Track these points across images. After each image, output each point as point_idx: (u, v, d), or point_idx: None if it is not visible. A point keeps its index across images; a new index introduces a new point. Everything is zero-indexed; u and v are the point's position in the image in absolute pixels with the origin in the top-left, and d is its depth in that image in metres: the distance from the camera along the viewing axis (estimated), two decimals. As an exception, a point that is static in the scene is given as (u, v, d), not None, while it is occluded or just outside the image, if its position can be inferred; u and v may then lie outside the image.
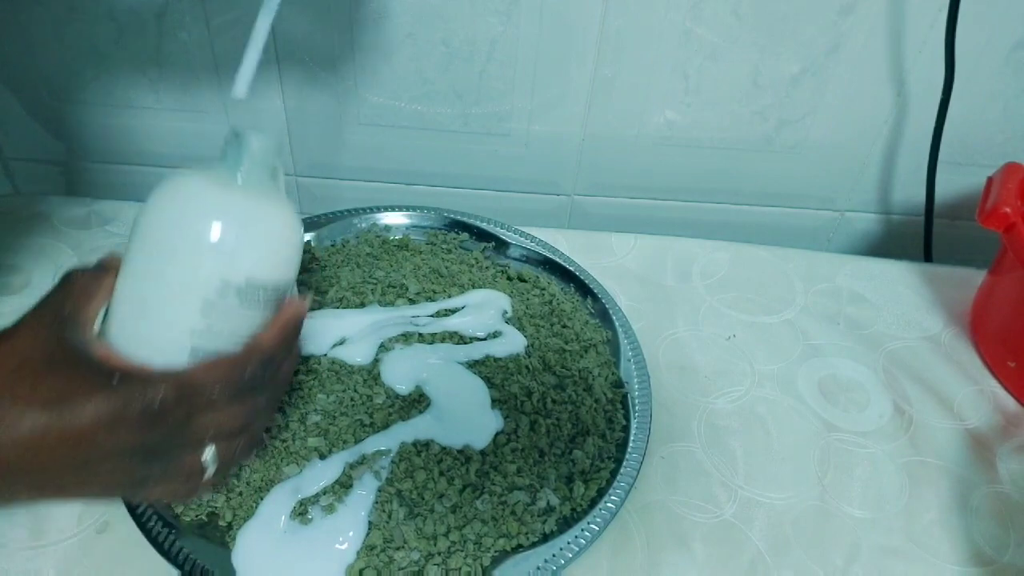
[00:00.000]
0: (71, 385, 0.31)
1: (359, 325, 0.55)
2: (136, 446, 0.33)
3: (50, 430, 0.31)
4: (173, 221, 0.36)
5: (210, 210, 0.36)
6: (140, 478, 0.34)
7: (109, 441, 0.32)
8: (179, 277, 0.35)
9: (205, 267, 0.35)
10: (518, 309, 0.59)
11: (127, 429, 0.32)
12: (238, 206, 0.36)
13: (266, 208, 0.37)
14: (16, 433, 0.30)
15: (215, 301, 0.35)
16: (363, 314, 0.56)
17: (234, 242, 0.35)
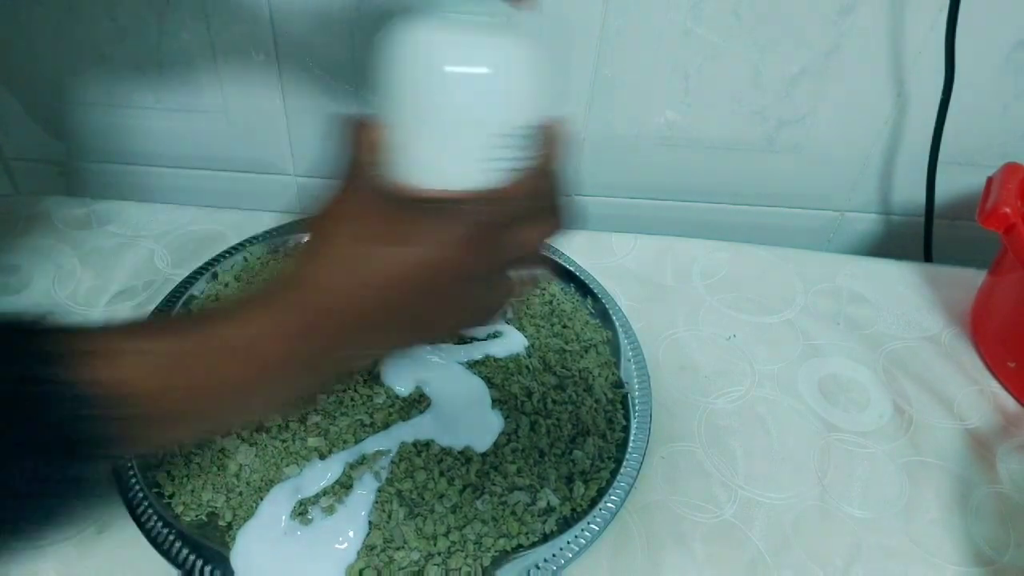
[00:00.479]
0: (410, 223, 0.34)
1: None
2: (473, 268, 0.34)
3: (407, 264, 0.33)
4: (447, 76, 0.36)
5: (481, 55, 0.37)
6: (472, 303, 0.36)
7: (455, 265, 0.34)
8: (461, 121, 0.37)
9: (487, 111, 0.37)
10: (518, 309, 0.59)
11: (467, 250, 0.34)
12: (504, 46, 0.38)
13: (523, 43, 0.38)
14: (380, 274, 0.32)
15: (497, 138, 0.37)
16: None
17: (510, 84, 0.37)
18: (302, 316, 0.33)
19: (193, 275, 0.59)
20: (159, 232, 0.68)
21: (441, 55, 0.36)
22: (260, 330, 0.32)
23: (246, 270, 0.60)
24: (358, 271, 0.33)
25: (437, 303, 0.35)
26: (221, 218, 0.70)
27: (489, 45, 0.37)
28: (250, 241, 0.63)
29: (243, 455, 0.47)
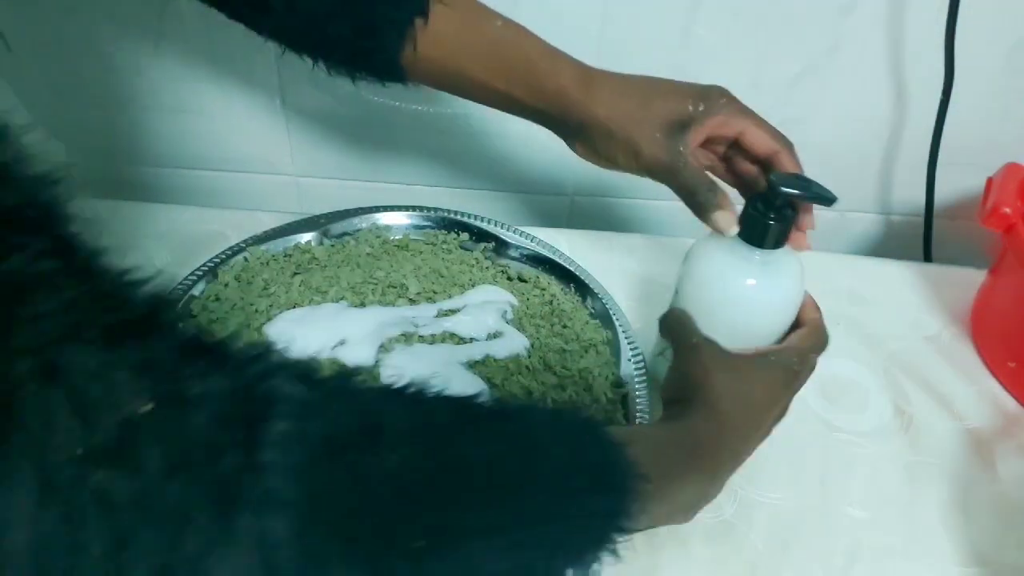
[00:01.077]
0: (754, 370, 0.45)
1: (359, 325, 0.55)
2: (788, 398, 0.46)
3: (767, 394, 0.44)
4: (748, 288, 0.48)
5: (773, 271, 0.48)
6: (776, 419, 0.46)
7: (784, 395, 0.45)
8: (755, 326, 0.49)
9: (772, 317, 0.50)
10: (518, 309, 0.59)
11: (788, 386, 0.45)
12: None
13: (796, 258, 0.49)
14: (757, 403, 0.44)
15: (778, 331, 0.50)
16: (363, 314, 0.56)
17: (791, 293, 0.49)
18: (719, 430, 0.42)
19: (193, 275, 0.59)
20: (159, 232, 0.68)
21: (744, 271, 0.47)
22: (699, 437, 0.41)
23: (246, 270, 0.60)
24: (745, 404, 0.43)
25: (771, 416, 0.45)
26: (221, 218, 0.70)
27: (777, 262, 0.47)
28: (250, 241, 0.63)
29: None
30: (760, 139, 0.48)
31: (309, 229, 0.64)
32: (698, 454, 0.40)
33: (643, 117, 0.48)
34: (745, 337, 0.50)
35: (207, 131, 0.72)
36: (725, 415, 0.42)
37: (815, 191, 0.44)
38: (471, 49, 0.49)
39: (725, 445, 0.42)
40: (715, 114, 0.48)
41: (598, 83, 0.49)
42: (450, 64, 0.50)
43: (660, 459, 0.37)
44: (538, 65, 0.49)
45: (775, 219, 0.45)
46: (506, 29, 0.49)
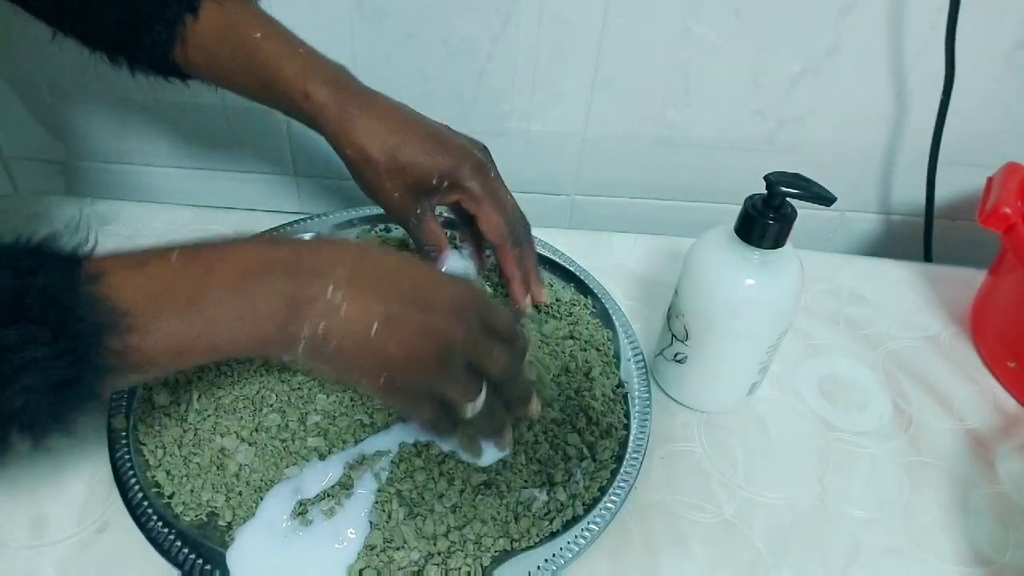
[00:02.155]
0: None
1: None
2: (454, 338, 0.38)
3: (401, 275, 0.38)
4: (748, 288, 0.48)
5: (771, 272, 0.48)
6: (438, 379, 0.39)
7: (443, 321, 0.38)
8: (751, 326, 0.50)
9: (769, 320, 0.51)
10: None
11: (458, 317, 0.38)
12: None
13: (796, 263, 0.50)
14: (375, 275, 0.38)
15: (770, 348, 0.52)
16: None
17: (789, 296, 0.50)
18: (291, 252, 0.36)
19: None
20: (159, 232, 0.68)
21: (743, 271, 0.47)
22: (245, 254, 0.36)
23: (246, 270, 0.60)
24: (362, 254, 0.38)
25: (414, 319, 0.37)
26: (221, 218, 0.70)
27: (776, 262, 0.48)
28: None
29: (243, 455, 0.47)
30: (491, 227, 0.48)
31: (309, 229, 0.64)
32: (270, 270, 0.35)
33: (389, 168, 0.47)
34: (745, 337, 0.50)
35: (207, 131, 0.72)
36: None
37: (814, 191, 0.44)
38: (229, 60, 0.48)
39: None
40: (457, 192, 0.48)
41: (353, 116, 0.47)
42: (215, 72, 0.49)
43: (179, 283, 0.34)
44: (292, 84, 0.47)
45: (774, 219, 0.45)
46: (265, 42, 0.47)
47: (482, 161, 0.49)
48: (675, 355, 0.54)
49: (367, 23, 0.64)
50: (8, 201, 0.73)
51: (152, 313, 0.32)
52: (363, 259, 0.37)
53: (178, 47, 0.47)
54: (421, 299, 0.37)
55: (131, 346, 0.32)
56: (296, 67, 0.47)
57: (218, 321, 0.34)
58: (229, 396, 0.50)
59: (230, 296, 0.34)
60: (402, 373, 0.37)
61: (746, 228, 0.47)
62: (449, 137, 0.49)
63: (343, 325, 0.35)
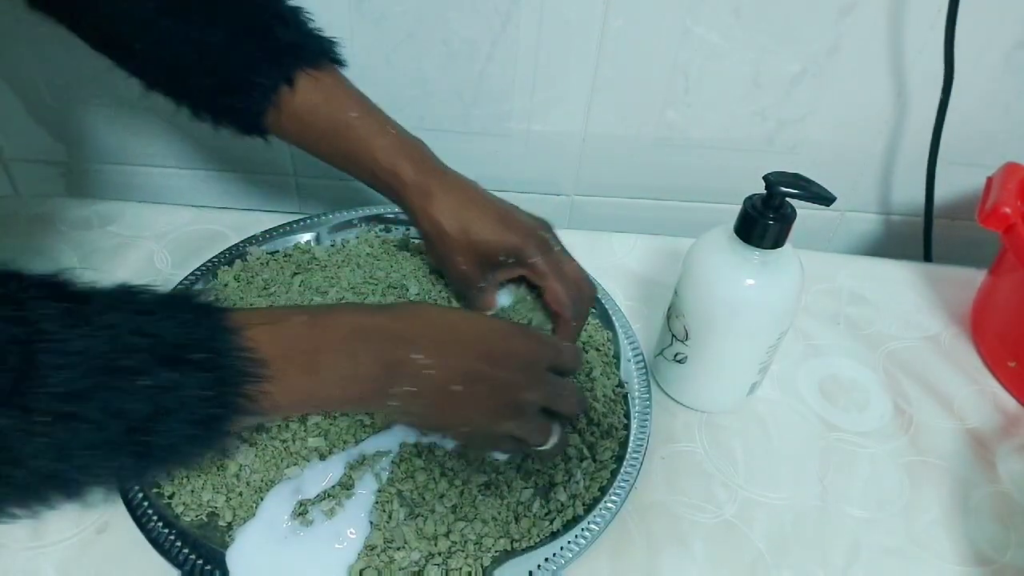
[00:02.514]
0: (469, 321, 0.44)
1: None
2: (520, 373, 0.42)
3: (480, 331, 0.42)
4: (748, 288, 0.49)
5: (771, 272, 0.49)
6: (509, 417, 0.43)
7: (508, 354, 0.42)
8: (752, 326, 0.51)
9: (768, 321, 0.51)
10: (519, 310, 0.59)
11: (520, 345, 0.43)
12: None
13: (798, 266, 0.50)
14: (461, 332, 0.42)
15: (771, 348, 0.53)
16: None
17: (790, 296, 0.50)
18: (386, 319, 0.40)
19: (193, 275, 0.59)
20: (159, 232, 0.68)
21: (743, 271, 0.48)
22: (352, 319, 0.40)
23: (246, 270, 0.60)
24: (443, 318, 0.42)
25: (490, 375, 0.41)
26: (221, 218, 0.70)
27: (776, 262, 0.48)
28: (250, 241, 0.63)
29: (243, 455, 0.47)
30: (553, 299, 0.51)
31: (309, 229, 0.64)
32: (372, 339, 0.39)
33: (460, 242, 0.51)
34: (745, 337, 0.50)
35: (207, 131, 0.72)
36: (418, 317, 0.41)
37: (814, 191, 0.44)
38: (323, 132, 0.51)
39: (407, 339, 0.40)
40: (522, 268, 0.51)
41: (432, 194, 0.51)
42: (304, 139, 0.52)
43: (303, 341, 0.38)
44: (381, 166, 0.51)
45: (774, 219, 0.45)
46: (359, 121, 0.51)
47: (545, 239, 0.52)
48: (675, 355, 0.54)
49: (367, 24, 0.64)
50: (9, 203, 0.73)
51: (283, 367, 0.36)
52: (445, 325, 0.41)
53: (271, 115, 0.50)
54: (494, 356, 0.41)
55: (264, 394, 0.35)
56: (386, 147, 0.51)
57: (330, 380, 0.38)
58: (229, 396, 0.50)
59: (340, 359, 0.38)
60: (481, 424, 0.42)
61: (746, 228, 0.47)
62: (517, 217, 0.52)
63: (429, 386, 0.39)
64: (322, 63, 0.51)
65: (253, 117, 0.50)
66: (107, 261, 0.65)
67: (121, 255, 0.66)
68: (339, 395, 0.39)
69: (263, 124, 0.51)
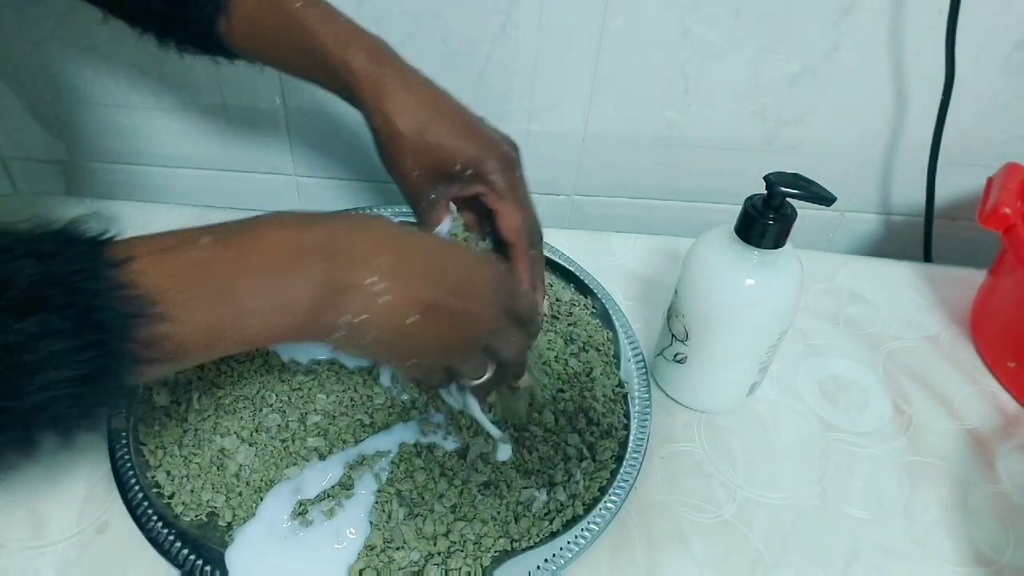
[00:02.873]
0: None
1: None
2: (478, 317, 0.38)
3: (436, 256, 0.37)
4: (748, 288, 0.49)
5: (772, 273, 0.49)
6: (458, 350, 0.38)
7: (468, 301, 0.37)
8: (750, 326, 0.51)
9: (768, 321, 0.51)
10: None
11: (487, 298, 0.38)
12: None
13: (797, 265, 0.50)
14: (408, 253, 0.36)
15: (769, 348, 0.53)
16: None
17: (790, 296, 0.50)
18: (329, 235, 0.34)
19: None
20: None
21: (743, 271, 0.48)
22: (279, 237, 0.34)
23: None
24: (400, 238, 0.36)
25: (452, 308, 0.36)
26: (221, 218, 0.70)
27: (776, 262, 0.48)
28: (250, 241, 0.63)
29: (243, 455, 0.47)
30: (509, 225, 0.47)
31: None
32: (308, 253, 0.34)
33: (414, 144, 0.46)
34: (745, 337, 0.50)
35: (207, 131, 0.72)
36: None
37: (814, 191, 0.44)
38: (272, 30, 0.47)
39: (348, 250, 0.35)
40: (479, 185, 0.47)
41: (387, 88, 0.46)
42: (258, 44, 0.48)
43: (212, 267, 0.32)
44: (331, 52, 0.46)
45: (774, 219, 0.45)
46: (305, 9, 0.46)
47: (511, 157, 0.47)
48: (675, 355, 0.54)
49: (367, 24, 0.64)
50: (8, 201, 0.73)
51: (183, 302, 0.30)
52: (404, 245, 0.36)
53: (222, 20, 0.47)
54: (460, 288, 0.37)
55: (161, 336, 0.30)
56: (335, 35, 0.46)
57: (252, 311, 0.33)
58: (229, 396, 0.50)
59: (264, 284, 0.33)
60: (431, 357, 0.37)
61: (746, 228, 0.47)
62: (482, 128, 0.47)
63: (383, 316, 0.34)
64: None
65: (206, 27, 0.47)
66: (107, 261, 0.65)
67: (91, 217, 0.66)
68: (264, 330, 0.33)
69: (217, 34, 0.47)
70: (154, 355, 0.30)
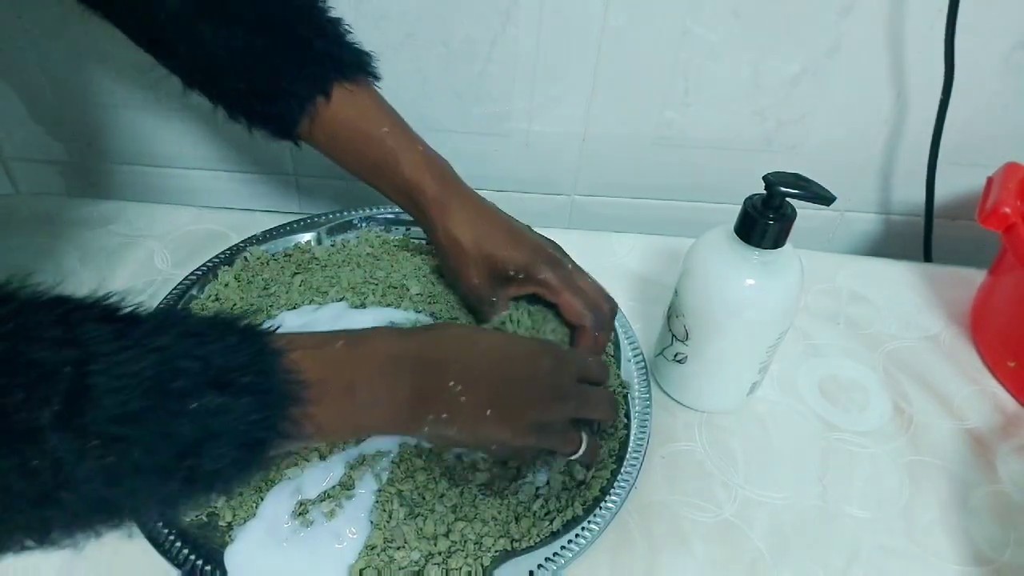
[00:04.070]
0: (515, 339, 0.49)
1: (360, 325, 0.55)
2: (550, 381, 0.44)
3: (509, 347, 0.45)
4: (748, 288, 0.49)
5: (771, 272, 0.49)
6: (539, 425, 0.43)
7: (539, 365, 0.44)
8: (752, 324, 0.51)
9: (771, 319, 0.51)
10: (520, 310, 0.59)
11: (552, 362, 0.45)
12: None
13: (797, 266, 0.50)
14: (487, 347, 0.44)
15: (770, 348, 0.52)
16: (364, 314, 0.56)
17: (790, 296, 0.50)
18: (419, 346, 0.42)
19: (193, 275, 0.59)
20: (159, 232, 0.68)
21: (743, 271, 0.48)
22: (388, 345, 0.41)
23: (246, 270, 0.60)
24: (472, 343, 0.44)
25: (518, 397, 0.43)
26: (221, 218, 0.70)
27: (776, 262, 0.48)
28: (250, 241, 0.63)
29: (243, 455, 0.47)
30: (569, 311, 0.52)
31: (309, 229, 0.64)
32: (409, 365, 0.41)
33: (474, 256, 0.52)
34: (745, 337, 0.50)
35: (207, 131, 0.72)
36: (456, 340, 0.43)
37: (814, 191, 0.44)
38: (353, 144, 0.52)
39: (448, 363, 0.41)
40: (532, 284, 0.53)
41: (452, 209, 0.52)
42: (334, 148, 0.53)
43: (342, 366, 0.38)
44: (407, 179, 0.52)
45: (774, 219, 0.46)
46: (391, 137, 0.52)
47: (555, 256, 0.53)
48: (675, 355, 0.54)
49: (367, 24, 0.64)
50: (8, 202, 0.73)
51: (324, 390, 0.36)
52: (474, 347, 0.43)
53: (305, 122, 0.51)
54: (524, 377, 0.43)
55: (307, 417, 0.35)
56: (414, 162, 0.52)
57: (367, 404, 0.39)
58: (229, 396, 0.50)
59: (377, 384, 0.39)
60: (509, 442, 0.43)
61: (746, 228, 0.47)
62: (527, 234, 0.54)
63: (462, 412, 0.41)
64: (358, 76, 0.52)
65: (287, 125, 0.52)
66: (107, 261, 0.65)
67: (121, 255, 0.66)
68: (375, 420, 0.40)
69: (296, 132, 0.52)
70: (298, 433, 0.35)
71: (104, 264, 0.65)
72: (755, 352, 0.51)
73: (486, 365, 0.42)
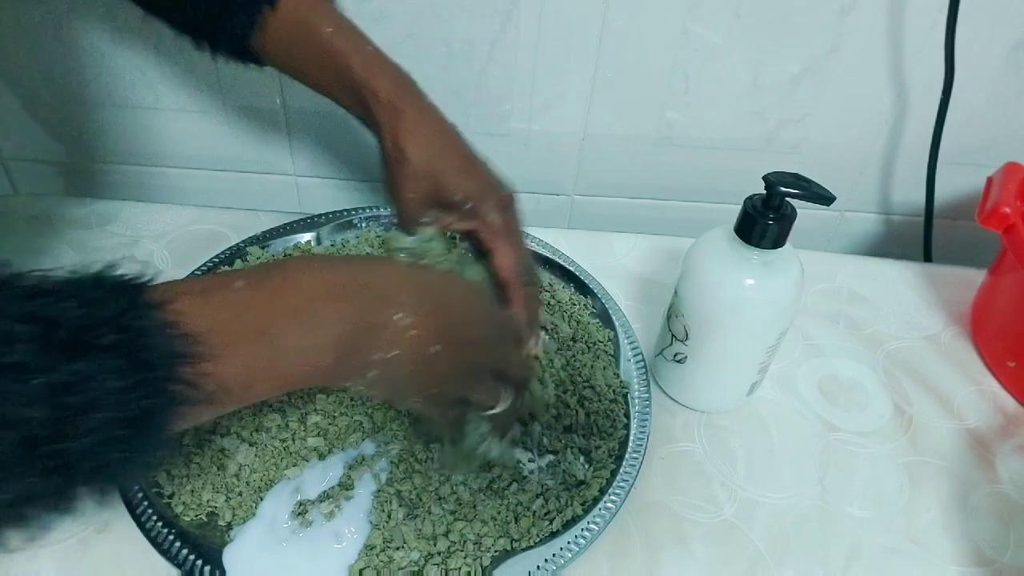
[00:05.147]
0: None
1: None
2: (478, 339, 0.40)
3: (447, 292, 0.40)
4: (748, 288, 0.49)
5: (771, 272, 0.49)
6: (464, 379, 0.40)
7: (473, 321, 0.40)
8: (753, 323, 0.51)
9: (771, 318, 0.51)
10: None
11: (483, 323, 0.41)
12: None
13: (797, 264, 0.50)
14: (423, 289, 0.38)
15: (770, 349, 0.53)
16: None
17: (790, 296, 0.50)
18: (354, 274, 0.36)
19: (193, 275, 0.59)
20: (159, 232, 0.68)
21: (743, 271, 0.48)
22: (309, 278, 0.35)
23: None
24: (413, 273, 0.39)
25: (462, 335, 0.39)
26: (221, 218, 0.70)
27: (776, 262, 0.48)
28: (250, 241, 0.63)
29: (243, 455, 0.47)
30: (504, 263, 0.49)
31: (309, 229, 0.64)
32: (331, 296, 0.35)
33: (418, 169, 0.48)
34: (745, 337, 0.50)
35: (207, 131, 0.72)
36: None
37: (814, 191, 0.44)
38: (303, 51, 0.50)
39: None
40: (476, 220, 0.49)
41: (404, 115, 0.49)
42: (290, 61, 0.51)
43: (248, 309, 0.33)
44: (356, 77, 0.49)
45: (774, 219, 0.45)
46: (335, 36, 0.49)
47: (509, 198, 0.50)
48: (675, 355, 0.54)
49: (367, 24, 0.64)
50: (8, 202, 0.73)
51: (222, 342, 0.31)
52: (419, 281, 0.39)
53: (257, 35, 0.49)
54: (468, 316, 0.40)
55: (203, 376, 0.30)
56: (364, 61, 0.49)
57: (287, 350, 0.33)
58: (229, 396, 0.50)
59: (298, 325, 0.33)
60: (450, 387, 0.39)
61: (746, 228, 0.47)
62: (486, 169, 0.50)
63: (412, 349, 0.36)
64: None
65: (240, 39, 0.50)
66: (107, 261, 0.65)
67: (121, 255, 0.66)
68: (305, 368, 0.34)
69: (251, 47, 0.50)
70: (196, 396, 0.30)
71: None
72: (755, 352, 0.51)
73: (432, 298, 0.38)
